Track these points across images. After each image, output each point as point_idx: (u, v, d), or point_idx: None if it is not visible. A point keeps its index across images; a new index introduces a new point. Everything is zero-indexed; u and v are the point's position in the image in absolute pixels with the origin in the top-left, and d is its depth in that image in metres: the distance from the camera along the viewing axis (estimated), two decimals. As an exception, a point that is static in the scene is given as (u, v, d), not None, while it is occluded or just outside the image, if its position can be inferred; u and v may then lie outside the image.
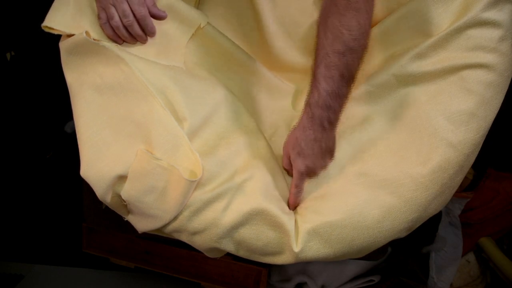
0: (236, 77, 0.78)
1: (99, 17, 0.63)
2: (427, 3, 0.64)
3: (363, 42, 0.58)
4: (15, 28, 1.14)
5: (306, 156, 0.62)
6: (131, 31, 0.63)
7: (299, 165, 0.63)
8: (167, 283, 1.03)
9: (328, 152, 0.64)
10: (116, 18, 0.61)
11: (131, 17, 0.62)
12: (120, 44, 0.64)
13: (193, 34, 0.70)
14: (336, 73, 0.58)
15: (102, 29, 0.63)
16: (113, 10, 0.61)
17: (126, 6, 0.61)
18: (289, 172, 0.70)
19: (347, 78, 0.59)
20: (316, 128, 0.61)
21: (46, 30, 0.62)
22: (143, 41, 0.65)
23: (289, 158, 0.66)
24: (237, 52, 0.77)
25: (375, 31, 0.70)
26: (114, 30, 0.63)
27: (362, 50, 0.59)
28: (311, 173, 0.65)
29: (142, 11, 0.63)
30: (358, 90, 0.68)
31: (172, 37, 0.68)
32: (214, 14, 0.79)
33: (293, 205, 0.66)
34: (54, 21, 0.62)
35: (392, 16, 0.68)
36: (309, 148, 0.62)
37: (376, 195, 0.61)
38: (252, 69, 0.81)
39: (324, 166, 0.66)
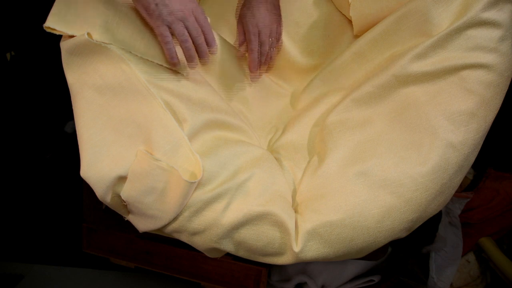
0: (235, 80, 0.78)
1: (162, 35, 0.61)
2: (427, 3, 0.64)
3: None
4: (15, 28, 1.14)
5: (255, 14, 0.72)
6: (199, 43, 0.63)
7: (249, 19, 0.72)
8: (167, 283, 1.03)
9: (273, 12, 0.74)
10: (186, 33, 0.61)
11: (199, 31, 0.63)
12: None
13: None
14: None
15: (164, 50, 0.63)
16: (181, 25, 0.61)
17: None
18: (240, 43, 0.76)
19: None
20: None
21: (48, 30, 0.62)
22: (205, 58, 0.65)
23: (241, 25, 0.74)
24: (235, 56, 0.77)
25: (375, 31, 0.70)
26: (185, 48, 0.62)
27: None
28: (262, 30, 0.73)
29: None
30: (358, 90, 0.68)
31: None
32: (212, 14, 0.79)
33: (251, 63, 0.74)
34: (56, 22, 0.61)
35: (392, 16, 0.68)
36: (255, 5, 0.72)
37: (376, 195, 0.61)
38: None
39: (274, 26, 0.74)
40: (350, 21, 0.78)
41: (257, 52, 0.74)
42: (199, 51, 0.64)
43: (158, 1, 0.59)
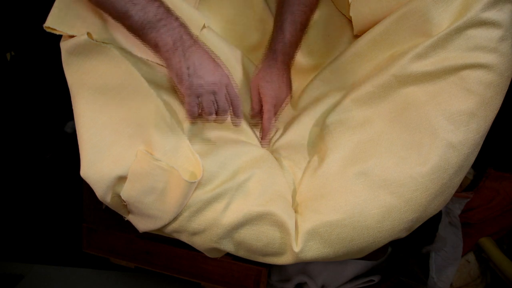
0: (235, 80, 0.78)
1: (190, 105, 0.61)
2: (427, 3, 0.63)
3: (317, 2, 0.74)
4: (15, 28, 1.14)
5: (274, 85, 0.74)
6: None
7: (269, 91, 0.73)
8: (167, 283, 1.03)
9: (288, 85, 0.76)
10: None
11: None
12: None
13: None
14: (299, 26, 0.72)
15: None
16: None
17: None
18: (254, 112, 0.76)
19: (304, 29, 0.74)
20: (279, 67, 0.74)
21: (48, 30, 0.62)
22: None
23: (257, 94, 0.75)
24: (234, 56, 0.77)
25: (375, 31, 0.70)
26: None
27: (316, 7, 0.75)
28: (278, 102, 0.75)
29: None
30: (358, 90, 0.68)
31: None
32: (213, 15, 0.79)
33: (266, 131, 0.74)
34: (56, 22, 0.62)
35: (392, 16, 0.68)
36: (275, 79, 0.74)
37: (376, 195, 0.61)
38: (250, 72, 0.81)
39: (286, 99, 0.77)
40: (350, 21, 0.78)
41: (272, 123, 0.75)
42: (219, 119, 0.64)
43: (192, 72, 0.59)
